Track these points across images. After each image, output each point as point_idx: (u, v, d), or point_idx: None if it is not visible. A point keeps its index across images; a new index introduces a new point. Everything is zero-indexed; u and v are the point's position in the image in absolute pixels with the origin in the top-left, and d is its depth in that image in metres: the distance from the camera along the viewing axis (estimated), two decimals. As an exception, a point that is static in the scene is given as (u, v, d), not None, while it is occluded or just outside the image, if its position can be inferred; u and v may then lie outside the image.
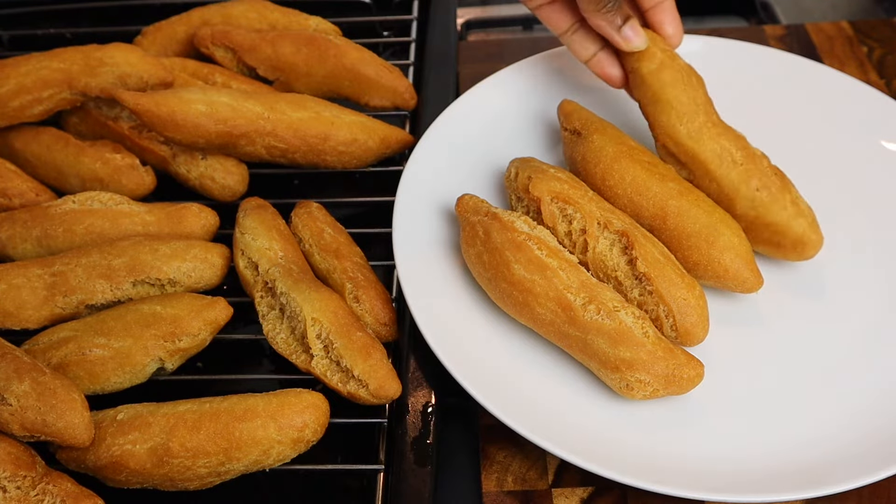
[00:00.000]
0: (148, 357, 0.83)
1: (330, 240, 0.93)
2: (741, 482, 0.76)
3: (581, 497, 0.80)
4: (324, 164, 1.01)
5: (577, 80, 1.09)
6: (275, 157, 1.00)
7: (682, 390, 0.79)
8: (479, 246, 0.85)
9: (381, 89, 1.07)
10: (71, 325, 0.86)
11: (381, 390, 0.80)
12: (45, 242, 0.93)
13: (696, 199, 0.87)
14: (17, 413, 0.75)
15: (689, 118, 0.90)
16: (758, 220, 0.88)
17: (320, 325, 0.82)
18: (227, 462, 0.76)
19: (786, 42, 1.22)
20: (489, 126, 1.04)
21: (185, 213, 0.95)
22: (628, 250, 0.83)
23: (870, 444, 0.78)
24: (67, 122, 1.05)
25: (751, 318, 0.89)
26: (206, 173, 1.00)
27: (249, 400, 0.77)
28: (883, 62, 1.19)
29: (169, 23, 1.14)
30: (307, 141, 0.98)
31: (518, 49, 1.22)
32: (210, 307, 0.86)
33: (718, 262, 0.85)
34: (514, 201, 0.93)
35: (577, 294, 0.80)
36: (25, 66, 0.98)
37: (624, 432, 0.80)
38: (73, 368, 0.83)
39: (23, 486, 0.73)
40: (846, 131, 0.97)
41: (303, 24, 1.14)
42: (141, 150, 1.01)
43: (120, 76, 0.99)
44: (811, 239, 0.87)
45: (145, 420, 0.77)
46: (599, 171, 0.91)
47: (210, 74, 1.07)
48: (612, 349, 0.78)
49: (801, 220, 0.87)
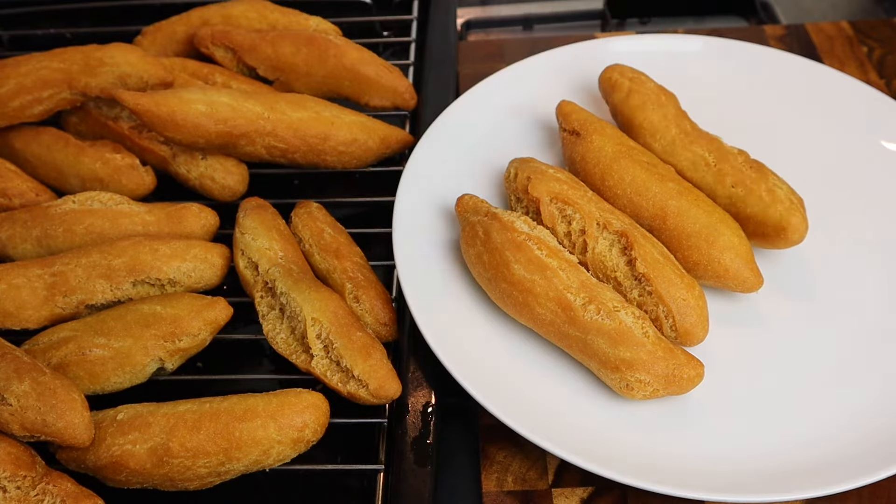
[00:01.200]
0: (148, 357, 0.83)
1: (330, 240, 0.93)
2: (741, 482, 0.76)
3: (581, 497, 0.80)
4: (324, 164, 1.01)
5: (577, 80, 1.09)
6: (275, 158, 1.00)
7: (682, 390, 0.79)
8: (479, 246, 0.85)
9: (381, 89, 1.07)
10: (71, 325, 0.86)
11: (381, 390, 0.80)
12: (45, 242, 0.93)
13: (695, 199, 0.88)
14: (17, 413, 0.75)
15: (661, 134, 0.95)
16: (739, 216, 0.89)
17: (320, 325, 0.82)
18: (227, 462, 0.76)
19: (786, 42, 1.22)
20: (489, 126, 1.04)
21: (185, 213, 0.95)
22: (627, 251, 0.83)
23: (870, 444, 0.78)
24: (67, 122, 1.05)
25: (751, 318, 0.89)
26: (206, 173, 1.00)
27: (249, 400, 0.77)
28: (883, 62, 1.19)
29: (169, 23, 1.14)
30: (307, 141, 0.98)
31: (518, 49, 1.22)
32: (210, 307, 0.86)
33: (718, 262, 0.85)
34: (513, 201, 0.93)
35: (577, 294, 0.80)
36: (25, 66, 0.98)
37: (624, 432, 0.80)
38: (73, 368, 0.83)
39: (23, 486, 0.73)
40: (846, 131, 0.98)
41: (303, 24, 1.14)
42: (141, 150, 1.01)
43: (120, 76, 0.99)
44: (790, 223, 0.86)
45: (145, 420, 0.77)
46: (599, 172, 0.91)
47: (210, 74, 1.07)
48: (612, 349, 0.78)
49: (777, 206, 0.87)
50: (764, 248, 0.90)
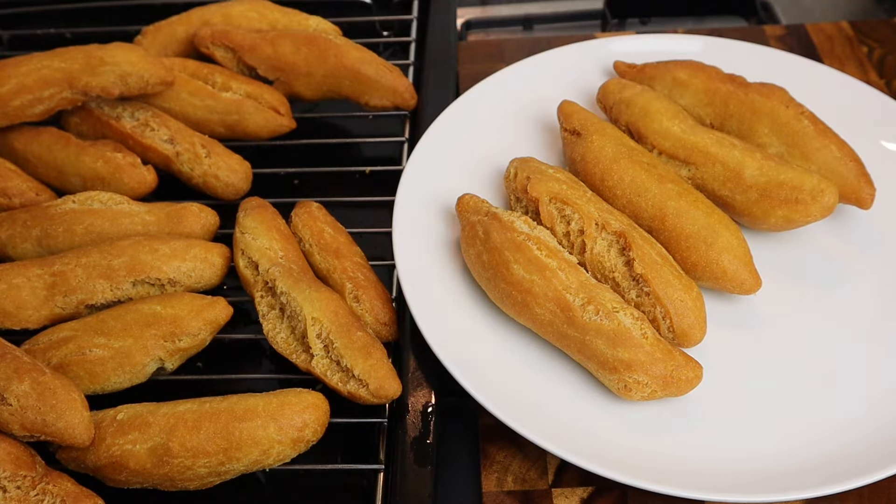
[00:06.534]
0: (148, 357, 0.83)
1: (330, 239, 0.93)
2: (741, 482, 0.76)
3: (581, 497, 0.80)
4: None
5: (577, 81, 1.09)
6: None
7: (680, 392, 0.79)
8: (479, 246, 0.85)
9: (382, 89, 1.08)
10: (71, 326, 0.86)
11: (381, 390, 0.80)
12: (45, 242, 0.93)
13: (694, 201, 0.88)
14: (17, 413, 0.75)
15: (679, 119, 0.95)
16: (770, 183, 0.88)
17: (320, 324, 0.82)
18: (227, 462, 0.76)
19: (786, 42, 1.22)
20: (489, 126, 1.04)
21: (185, 213, 0.95)
22: (626, 251, 0.83)
23: (870, 444, 0.78)
24: (68, 121, 1.05)
25: (749, 319, 0.89)
26: (209, 171, 1.00)
27: (249, 400, 0.77)
28: (883, 62, 1.19)
29: (169, 23, 1.14)
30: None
31: (518, 49, 1.22)
32: (210, 307, 0.86)
33: (717, 264, 0.85)
34: (513, 201, 0.93)
35: (576, 294, 0.80)
36: (26, 65, 0.98)
37: (624, 432, 0.80)
38: (73, 368, 0.83)
39: (23, 486, 0.73)
40: (846, 131, 0.97)
41: (303, 24, 1.14)
42: (144, 149, 1.02)
43: (121, 76, 0.99)
44: (828, 186, 0.87)
45: (145, 420, 0.77)
46: (598, 172, 0.91)
47: (210, 74, 1.07)
48: (610, 350, 0.78)
49: (812, 174, 0.88)
50: (795, 220, 0.89)
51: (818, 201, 0.87)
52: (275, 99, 1.06)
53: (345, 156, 1.13)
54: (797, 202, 0.87)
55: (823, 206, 0.87)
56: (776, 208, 0.88)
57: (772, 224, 0.90)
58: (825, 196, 0.87)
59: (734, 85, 0.98)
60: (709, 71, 1.01)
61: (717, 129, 0.98)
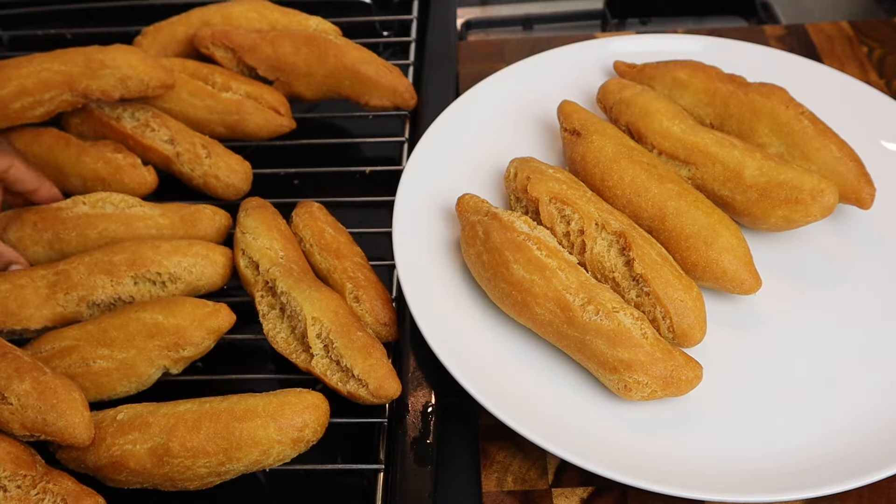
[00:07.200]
0: (153, 367, 0.84)
1: (330, 239, 0.93)
2: (741, 482, 0.76)
3: (581, 497, 0.80)
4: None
5: (577, 81, 1.09)
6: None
7: (680, 392, 0.79)
8: (479, 246, 0.85)
9: (381, 89, 1.08)
10: (72, 334, 0.85)
11: (380, 390, 0.80)
12: (56, 246, 0.94)
13: (694, 201, 0.88)
14: (17, 412, 0.75)
15: (679, 119, 0.95)
16: (770, 183, 0.88)
17: (320, 324, 0.82)
18: (227, 462, 0.76)
19: (786, 42, 1.22)
20: (489, 126, 1.04)
21: (200, 215, 0.95)
22: (626, 251, 0.83)
23: (870, 444, 0.78)
24: (69, 123, 1.05)
25: (750, 319, 0.89)
26: (210, 172, 1.00)
27: (249, 400, 0.77)
28: (883, 62, 1.19)
29: (169, 23, 1.14)
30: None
31: (518, 49, 1.22)
32: (213, 316, 0.85)
33: (717, 264, 0.85)
34: (513, 201, 0.93)
35: (576, 294, 0.80)
36: (27, 67, 0.98)
37: (624, 432, 0.80)
38: (78, 380, 0.82)
39: (23, 486, 0.73)
40: (846, 131, 0.97)
41: (303, 24, 1.14)
42: (144, 149, 1.02)
43: (121, 78, 0.99)
44: (828, 186, 0.87)
45: (145, 420, 0.77)
46: (598, 172, 0.91)
47: (210, 74, 1.07)
48: (610, 350, 0.78)
49: (812, 174, 0.88)
50: (795, 220, 0.88)
51: (818, 201, 0.87)
52: (275, 99, 1.06)
53: (345, 156, 1.13)
54: (797, 202, 0.87)
55: (823, 206, 0.87)
56: (776, 208, 0.88)
57: (772, 224, 0.90)
58: (825, 196, 0.87)
59: (734, 85, 0.98)
60: (709, 71, 1.01)
61: (717, 129, 0.98)
